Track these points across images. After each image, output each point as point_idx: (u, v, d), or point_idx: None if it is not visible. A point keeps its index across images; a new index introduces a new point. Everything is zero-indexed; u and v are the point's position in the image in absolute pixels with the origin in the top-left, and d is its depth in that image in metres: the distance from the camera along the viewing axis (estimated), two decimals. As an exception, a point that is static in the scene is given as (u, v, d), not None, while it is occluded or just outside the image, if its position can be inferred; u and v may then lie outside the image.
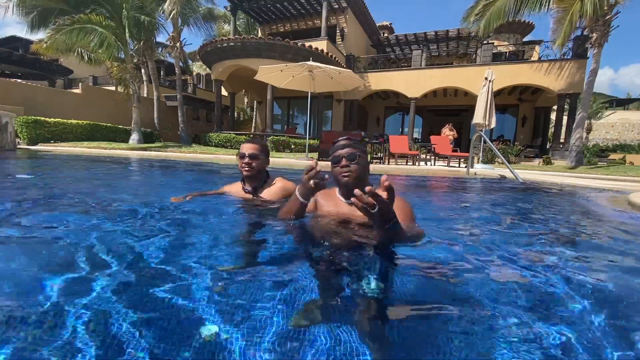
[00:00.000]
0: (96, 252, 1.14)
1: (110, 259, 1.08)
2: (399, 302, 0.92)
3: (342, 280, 1.03)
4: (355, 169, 1.40)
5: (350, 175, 1.39)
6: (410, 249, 1.27)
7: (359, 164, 1.41)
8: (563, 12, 9.14)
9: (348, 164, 1.39)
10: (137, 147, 10.99)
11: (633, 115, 24.73)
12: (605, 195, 3.70)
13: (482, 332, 0.74)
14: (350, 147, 1.43)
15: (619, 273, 1.23)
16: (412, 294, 0.96)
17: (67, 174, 4.26)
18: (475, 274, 1.10)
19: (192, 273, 0.99)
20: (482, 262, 1.21)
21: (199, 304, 0.80)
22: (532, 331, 0.73)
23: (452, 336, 0.71)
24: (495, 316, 0.79)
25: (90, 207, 1.98)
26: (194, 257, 1.14)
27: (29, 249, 1.19)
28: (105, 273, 0.96)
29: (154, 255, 1.14)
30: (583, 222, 2.30)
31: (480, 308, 0.83)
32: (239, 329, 0.69)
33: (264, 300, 0.82)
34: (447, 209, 2.73)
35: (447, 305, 0.87)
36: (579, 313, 0.83)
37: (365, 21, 17.47)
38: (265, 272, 1.06)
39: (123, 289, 0.88)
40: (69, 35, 10.67)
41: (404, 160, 9.19)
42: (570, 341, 0.69)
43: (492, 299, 0.89)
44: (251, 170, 1.86)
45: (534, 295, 0.95)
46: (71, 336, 0.65)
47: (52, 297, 0.79)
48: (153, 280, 0.95)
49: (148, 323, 0.72)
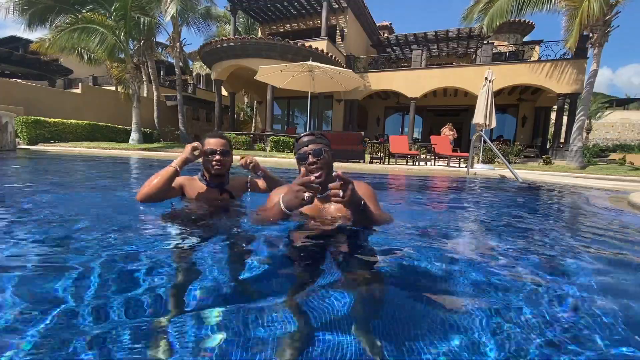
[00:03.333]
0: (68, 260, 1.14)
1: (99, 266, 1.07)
2: (394, 295, 0.92)
3: (325, 271, 1.03)
4: (323, 164, 1.37)
5: (315, 170, 1.35)
6: (408, 250, 1.26)
7: (324, 159, 1.39)
8: (573, 11, 9.11)
9: (316, 160, 1.36)
10: (137, 147, 10.99)
11: (633, 115, 24.73)
12: (606, 195, 3.70)
13: (481, 328, 0.73)
14: (314, 143, 1.40)
15: (618, 273, 1.22)
16: (403, 293, 0.96)
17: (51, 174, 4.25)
18: (475, 274, 1.10)
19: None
20: (481, 262, 1.21)
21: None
22: (531, 331, 0.73)
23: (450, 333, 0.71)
24: (495, 314, 0.79)
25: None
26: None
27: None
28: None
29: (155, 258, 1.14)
30: (583, 222, 2.30)
31: (476, 304, 0.83)
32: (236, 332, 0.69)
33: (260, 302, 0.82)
34: (447, 209, 2.73)
35: (442, 303, 0.87)
36: (579, 313, 0.83)
37: (365, 21, 17.48)
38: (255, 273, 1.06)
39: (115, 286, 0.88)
40: (71, 35, 10.68)
41: (404, 160, 9.18)
42: (570, 341, 0.69)
43: (488, 297, 0.89)
44: (222, 169, 1.74)
45: (533, 294, 0.94)
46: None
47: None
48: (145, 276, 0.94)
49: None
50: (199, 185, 1.79)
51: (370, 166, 7.51)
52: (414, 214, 2.34)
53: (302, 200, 1.15)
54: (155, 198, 1.61)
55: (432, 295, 0.93)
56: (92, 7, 12.26)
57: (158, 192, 1.59)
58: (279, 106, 17.64)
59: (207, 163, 1.72)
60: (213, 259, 1.13)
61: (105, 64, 14.89)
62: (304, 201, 1.15)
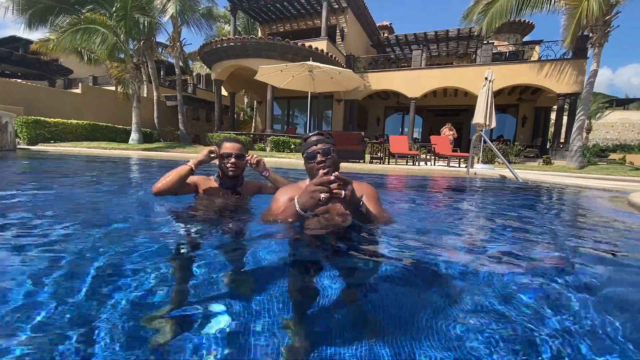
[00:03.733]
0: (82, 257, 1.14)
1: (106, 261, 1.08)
2: (393, 296, 0.92)
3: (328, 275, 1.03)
4: (331, 163, 1.39)
5: (330, 171, 1.35)
6: (408, 250, 1.26)
7: (333, 158, 1.41)
8: (573, 10, 9.12)
9: (324, 159, 1.38)
10: (137, 147, 10.99)
11: (633, 115, 24.73)
12: (606, 195, 3.70)
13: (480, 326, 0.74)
14: (322, 142, 1.42)
15: (618, 273, 1.22)
16: (401, 293, 0.96)
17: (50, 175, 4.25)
18: (474, 274, 1.10)
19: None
20: (480, 262, 1.21)
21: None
22: (528, 330, 0.73)
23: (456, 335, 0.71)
24: (495, 314, 0.79)
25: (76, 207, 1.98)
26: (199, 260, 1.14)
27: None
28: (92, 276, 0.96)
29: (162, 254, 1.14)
30: (583, 222, 2.30)
31: (476, 304, 0.83)
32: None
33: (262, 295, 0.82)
34: (446, 209, 2.73)
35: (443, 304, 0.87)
36: (578, 312, 0.83)
37: (365, 21, 17.48)
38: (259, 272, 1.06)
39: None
40: (74, 35, 10.68)
41: (404, 160, 9.18)
42: (568, 340, 0.69)
43: (488, 297, 0.89)
44: (237, 171, 1.86)
45: (530, 292, 0.94)
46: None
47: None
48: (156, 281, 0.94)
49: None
50: (213, 185, 1.94)
51: (370, 166, 7.51)
52: (413, 214, 2.34)
53: (318, 201, 1.13)
54: (168, 192, 1.76)
55: (432, 295, 0.93)
56: (92, 7, 12.26)
57: (171, 188, 1.75)
58: (279, 106, 17.64)
59: (223, 165, 1.86)
60: (212, 256, 1.14)
61: (105, 64, 14.88)
62: (320, 202, 1.13)
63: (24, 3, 11.97)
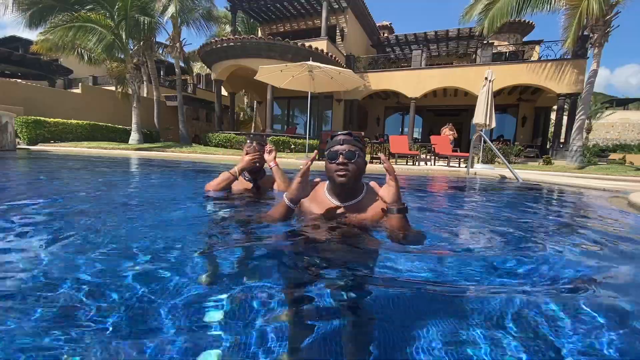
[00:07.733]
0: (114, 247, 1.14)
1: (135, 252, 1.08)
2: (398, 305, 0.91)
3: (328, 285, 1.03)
4: (353, 170, 1.27)
5: (347, 175, 1.26)
6: (407, 252, 1.26)
7: (357, 163, 1.28)
8: (573, 10, 9.11)
9: (346, 162, 1.26)
10: (137, 147, 10.99)
11: (633, 115, 24.75)
12: (606, 195, 3.70)
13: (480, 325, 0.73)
14: (349, 143, 1.29)
15: (618, 273, 1.22)
16: (411, 299, 0.96)
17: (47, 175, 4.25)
18: (474, 275, 1.10)
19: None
20: (481, 262, 1.21)
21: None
22: (528, 329, 0.73)
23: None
24: (495, 314, 0.79)
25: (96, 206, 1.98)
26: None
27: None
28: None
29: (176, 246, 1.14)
30: (583, 222, 2.30)
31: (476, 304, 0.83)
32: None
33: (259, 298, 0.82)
34: (446, 209, 2.73)
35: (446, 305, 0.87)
36: (578, 312, 0.83)
37: (365, 21, 17.47)
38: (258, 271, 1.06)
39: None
40: (66, 31, 10.63)
41: (404, 160, 9.18)
42: (568, 341, 0.69)
43: (488, 297, 0.89)
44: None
45: (533, 294, 0.94)
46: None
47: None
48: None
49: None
50: (240, 177, 2.27)
51: (370, 166, 7.49)
52: (413, 214, 2.33)
53: (298, 184, 1.25)
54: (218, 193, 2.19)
55: (431, 295, 0.93)
56: (92, 7, 12.23)
57: (220, 191, 2.16)
58: (279, 106, 17.64)
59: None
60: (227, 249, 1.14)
61: (105, 63, 14.88)
62: (303, 188, 1.26)
63: (24, 2, 11.94)
